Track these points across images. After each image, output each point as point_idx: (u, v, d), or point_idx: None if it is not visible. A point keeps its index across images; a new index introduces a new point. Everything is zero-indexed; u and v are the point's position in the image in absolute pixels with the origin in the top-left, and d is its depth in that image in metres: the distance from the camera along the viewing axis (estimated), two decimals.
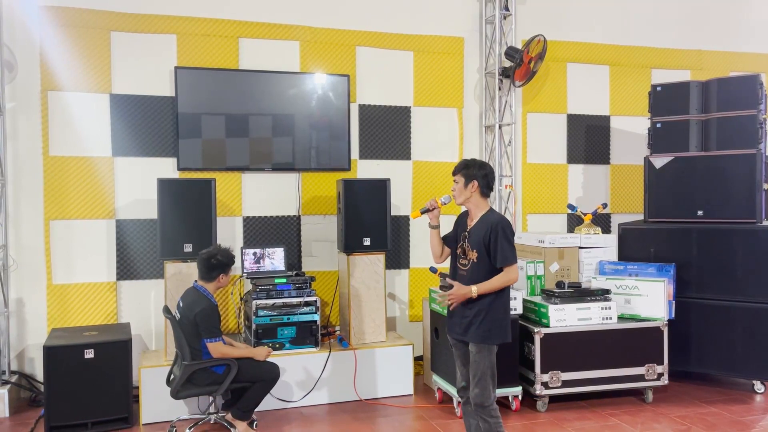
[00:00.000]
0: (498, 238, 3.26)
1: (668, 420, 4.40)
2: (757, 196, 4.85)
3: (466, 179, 3.37)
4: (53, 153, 4.75)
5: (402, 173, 5.55)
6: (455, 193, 3.42)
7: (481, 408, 3.31)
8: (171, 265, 4.49)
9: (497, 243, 3.26)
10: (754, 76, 5.03)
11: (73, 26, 4.77)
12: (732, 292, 4.87)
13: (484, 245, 3.29)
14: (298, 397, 4.61)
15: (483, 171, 3.38)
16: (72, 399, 4.08)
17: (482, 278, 3.30)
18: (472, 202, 3.40)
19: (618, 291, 4.79)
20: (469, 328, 3.33)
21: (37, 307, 4.74)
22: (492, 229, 3.27)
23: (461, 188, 3.39)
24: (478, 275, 3.32)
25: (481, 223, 3.35)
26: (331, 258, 5.34)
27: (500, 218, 3.35)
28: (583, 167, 6.14)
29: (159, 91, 4.96)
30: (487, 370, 3.30)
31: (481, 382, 3.29)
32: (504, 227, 3.28)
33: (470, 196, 3.38)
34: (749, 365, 4.84)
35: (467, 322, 3.34)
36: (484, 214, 3.38)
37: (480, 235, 3.32)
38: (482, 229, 3.32)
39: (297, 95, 5.22)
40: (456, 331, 3.43)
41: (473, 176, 3.36)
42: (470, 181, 3.36)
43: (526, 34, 5.61)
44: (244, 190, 5.16)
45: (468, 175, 3.36)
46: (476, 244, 3.32)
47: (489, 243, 3.28)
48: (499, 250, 3.26)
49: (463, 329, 3.36)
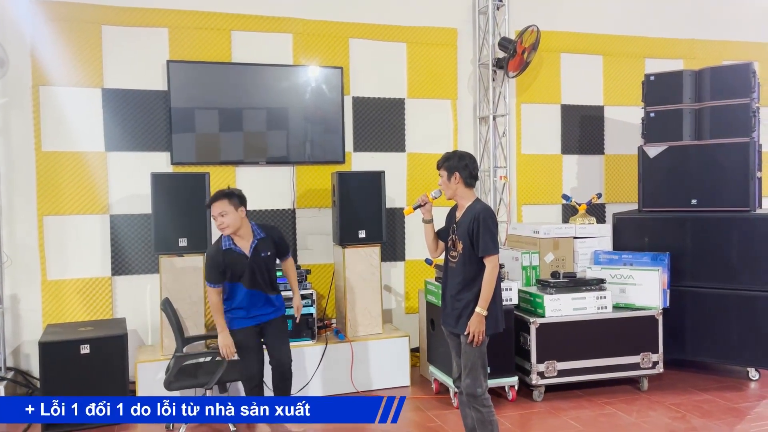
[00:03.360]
0: (480, 228, 3.26)
1: (663, 408, 4.43)
2: (751, 185, 4.87)
3: (449, 172, 3.38)
4: (46, 148, 4.73)
5: (396, 165, 5.55)
6: (442, 187, 3.43)
7: (473, 398, 3.32)
8: (166, 260, 4.49)
9: (479, 232, 3.26)
10: (746, 64, 5.04)
11: (63, 20, 4.74)
12: (726, 281, 4.89)
13: (468, 236, 3.30)
14: (294, 390, 4.61)
15: (463, 162, 3.38)
16: (68, 394, 4.06)
17: (469, 270, 3.31)
18: (458, 194, 3.41)
19: (613, 280, 4.81)
20: (460, 320, 3.34)
21: (32, 303, 4.72)
22: (475, 218, 3.28)
23: (445, 182, 3.40)
24: (466, 265, 3.32)
25: (467, 213, 3.37)
26: (326, 251, 5.34)
27: (483, 208, 3.34)
28: (578, 157, 6.14)
29: (151, 86, 4.93)
30: (477, 360, 3.30)
31: (471, 372, 3.31)
32: (486, 217, 3.28)
33: (456, 189, 3.39)
34: (744, 353, 4.87)
35: (457, 314, 3.35)
36: (470, 204, 3.39)
37: (464, 226, 3.33)
38: (466, 219, 3.34)
39: (290, 88, 5.20)
40: (448, 323, 3.45)
41: (454, 168, 3.37)
42: (452, 174, 3.37)
43: (520, 25, 5.60)
44: (238, 183, 5.14)
45: (449, 167, 3.38)
46: (462, 235, 3.34)
47: (473, 233, 3.29)
48: (481, 239, 3.26)
49: (454, 321, 3.38)
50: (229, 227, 3.78)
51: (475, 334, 3.25)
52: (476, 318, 3.26)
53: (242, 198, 3.86)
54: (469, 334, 3.27)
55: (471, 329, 3.26)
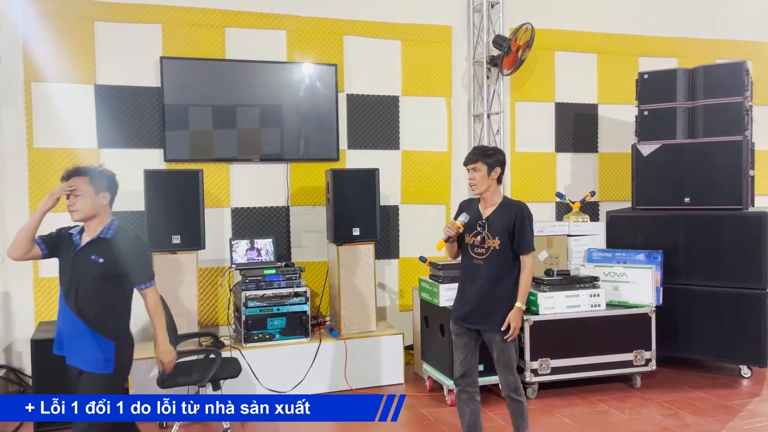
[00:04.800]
0: (524, 225, 3.31)
1: (656, 405, 4.44)
2: (744, 183, 4.89)
3: (489, 167, 3.35)
4: (38, 145, 4.69)
5: (391, 163, 5.54)
6: (476, 183, 3.37)
7: (516, 391, 3.37)
8: (159, 257, 4.47)
9: (523, 230, 3.31)
10: (740, 63, 5.06)
11: (56, 16, 4.70)
12: (719, 278, 4.91)
13: (508, 232, 3.31)
14: (288, 388, 4.61)
15: (502, 156, 3.41)
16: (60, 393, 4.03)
17: (503, 265, 3.33)
18: (490, 189, 3.39)
19: (606, 278, 4.82)
20: (492, 318, 3.33)
21: (25, 301, 4.70)
22: (518, 215, 3.32)
23: (483, 176, 3.36)
24: (499, 262, 3.33)
25: (503, 209, 3.36)
26: (320, 248, 5.33)
27: (522, 204, 3.41)
28: (572, 155, 6.15)
29: (144, 82, 4.91)
30: (512, 354, 3.37)
31: (510, 367, 3.36)
32: (528, 214, 3.36)
33: (491, 185, 3.38)
34: (736, 350, 4.90)
35: (487, 312, 3.34)
36: (502, 200, 3.41)
37: (504, 222, 3.33)
38: (505, 215, 3.34)
39: (284, 85, 5.18)
40: (470, 320, 3.40)
41: (498, 163, 3.37)
42: (493, 168, 3.36)
43: (514, 23, 5.60)
44: (232, 181, 5.13)
45: (491, 163, 3.36)
46: (499, 231, 3.32)
47: (514, 230, 3.31)
48: (525, 236, 3.31)
49: (481, 319, 3.36)
50: (79, 212, 2.93)
51: (515, 329, 3.30)
52: (517, 313, 3.30)
53: (111, 181, 3.03)
54: (505, 330, 3.29)
55: (512, 324, 3.29)
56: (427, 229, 5.62)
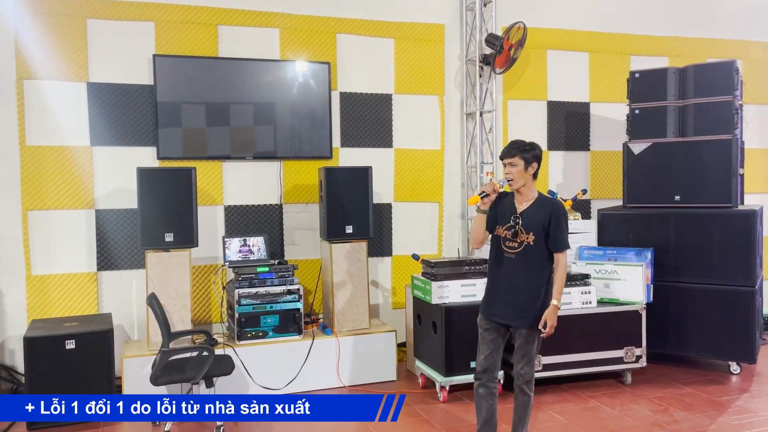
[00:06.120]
0: (560, 223, 3.34)
1: (646, 401, 4.48)
2: (733, 181, 4.93)
3: (526, 162, 3.36)
4: (30, 143, 4.68)
5: (384, 161, 5.56)
6: (513, 177, 3.37)
7: (528, 384, 3.41)
8: (152, 255, 4.47)
9: (559, 228, 3.33)
10: (730, 62, 5.10)
11: (48, 13, 4.69)
12: (708, 276, 4.96)
13: (543, 228, 3.33)
14: (281, 385, 4.63)
15: (539, 151, 3.41)
16: (53, 390, 4.02)
17: (537, 262, 3.35)
18: (527, 184, 3.41)
19: (597, 275, 4.86)
20: (525, 314, 3.35)
21: (17, 299, 4.68)
22: (554, 213, 3.34)
23: (521, 171, 3.36)
24: (532, 258, 3.35)
25: (538, 205, 3.38)
26: (313, 246, 5.35)
27: (558, 202, 3.44)
28: (563, 154, 6.19)
29: (137, 80, 4.90)
30: (535, 350, 3.42)
31: (531, 361, 3.40)
32: (563, 212, 3.39)
33: (528, 179, 3.40)
34: (725, 347, 4.94)
35: (519, 307, 3.36)
36: (538, 196, 3.42)
37: (539, 217, 3.34)
38: (540, 212, 3.36)
39: (277, 83, 5.19)
40: (502, 315, 3.41)
41: (534, 158, 3.38)
42: (530, 164, 3.37)
43: (507, 21, 5.62)
44: (225, 178, 5.14)
45: (528, 158, 3.37)
46: (534, 227, 3.34)
47: (549, 227, 3.33)
48: (560, 235, 3.34)
49: (514, 314, 3.37)
50: None
51: (551, 326, 3.33)
52: (554, 310, 3.33)
53: None
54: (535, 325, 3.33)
55: (549, 322, 3.32)
56: (420, 227, 5.66)
